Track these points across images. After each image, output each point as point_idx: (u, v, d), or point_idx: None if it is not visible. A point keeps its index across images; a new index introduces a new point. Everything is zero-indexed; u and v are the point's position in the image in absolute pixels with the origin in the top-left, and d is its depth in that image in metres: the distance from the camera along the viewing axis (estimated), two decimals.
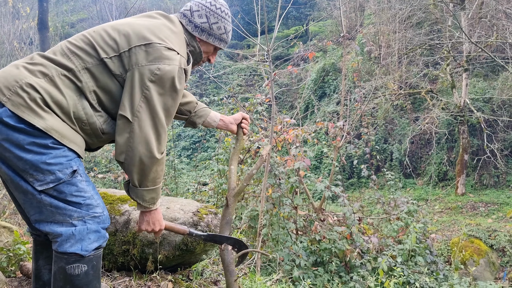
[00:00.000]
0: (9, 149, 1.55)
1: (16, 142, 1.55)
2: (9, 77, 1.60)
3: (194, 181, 10.65)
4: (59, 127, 1.62)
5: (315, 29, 22.25)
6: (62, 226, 1.62)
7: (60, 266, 1.62)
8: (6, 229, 3.31)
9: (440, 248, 10.01)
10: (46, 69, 1.65)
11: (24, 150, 1.55)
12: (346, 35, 8.39)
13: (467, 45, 12.86)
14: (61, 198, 1.61)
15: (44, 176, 1.58)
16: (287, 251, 5.68)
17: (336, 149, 8.00)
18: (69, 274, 1.62)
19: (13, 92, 1.56)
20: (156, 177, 1.73)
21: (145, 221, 1.83)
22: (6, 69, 1.66)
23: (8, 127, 1.55)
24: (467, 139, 13.38)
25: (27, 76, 1.60)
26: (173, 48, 1.74)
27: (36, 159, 1.56)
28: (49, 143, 1.59)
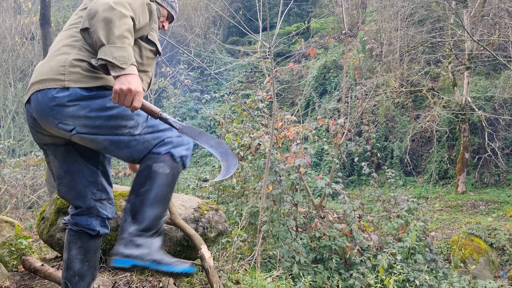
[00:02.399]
0: (98, 116, 1.72)
1: (99, 107, 1.73)
2: (55, 65, 1.76)
3: (195, 177, 10.66)
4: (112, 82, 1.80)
5: (317, 26, 22.21)
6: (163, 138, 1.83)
7: (147, 164, 1.79)
8: (8, 224, 3.33)
9: (440, 246, 10.03)
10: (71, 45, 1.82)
11: (108, 109, 1.74)
12: (347, 32, 8.38)
13: (469, 43, 12.83)
14: (155, 130, 1.81)
15: (135, 120, 1.78)
16: (287, 247, 5.70)
17: (336, 146, 8.00)
18: (153, 171, 1.76)
19: (67, 72, 1.73)
20: (122, 35, 1.64)
21: (119, 81, 1.64)
22: (42, 64, 1.83)
23: (87, 99, 1.72)
24: (468, 137, 13.38)
25: (67, 56, 1.77)
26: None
27: (120, 110, 1.75)
28: None
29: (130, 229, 1.72)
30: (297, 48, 9.19)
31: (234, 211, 6.59)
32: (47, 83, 1.73)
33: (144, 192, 1.75)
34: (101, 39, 1.61)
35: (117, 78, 1.65)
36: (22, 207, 8.59)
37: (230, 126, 7.67)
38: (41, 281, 2.67)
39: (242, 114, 7.92)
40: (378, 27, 15.65)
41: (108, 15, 1.61)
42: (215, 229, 2.74)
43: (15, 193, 8.43)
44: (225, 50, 21.47)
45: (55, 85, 1.71)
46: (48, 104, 1.71)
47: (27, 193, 8.73)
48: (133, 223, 1.72)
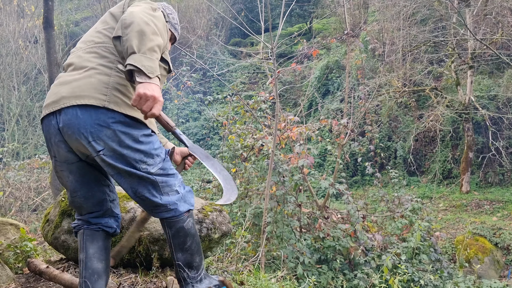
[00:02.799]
0: (128, 146, 1.84)
1: (133, 138, 1.86)
2: (96, 83, 1.83)
3: (198, 178, 10.67)
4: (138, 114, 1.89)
5: (319, 27, 22.20)
6: (170, 195, 1.97)
7: (179, 227, 1.99)
8: (13, 226, 3.34)
9: (444, 246, 9.99)
10: (108, 66, 1.90)
11: (140, 143, 1.88)
12: (350, 32, 8.38)
13: (472, 42, 12.79)
14: (165, 173, 1.96)
15: (154, 160, 1.92)
16: (291, 248, 5.70)
17: (340, 146, 8.00)
18: (187, 229, 2.00)
19: (110, 94, 1.82)
20: (153, 48, 1.73)
21: (143, 86, 1.69)
22: (77, 78, 1.86)
23: (128, 126, 1.85)
24: (471, 136, 13.33)
25: (109, 78, 1.86)
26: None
27: (148, 147, 1.90)
28: (150, 132, 1.95)
29: (192, 274, 2.04)
30: (299, 49, 9.17)
31: (237, 212, 6.59)
32: (87, 99, 1.79)
33: (189, 247, 2.02)
34: (133, 47, 1.68)
35: (141, 84, 1.69)
36: (26, 209, 8.62)
37: (233, 127, 7.68)
38: (46, 283, 2.68)
39: (245, 115, 7.93)
40: (380, 27, 15.63)
41: (143, 28, 1.72)
42: (219, 230, 2.74)
43: (20, 196, 8.46)
44: (227, 52, 21.49)
45: (96, 103, 1.78)
46: (90, 121, 1.79)
47: (31, 195, 8.76)
48: (191, 271, 2.04)
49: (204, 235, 2.65)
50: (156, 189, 1.94)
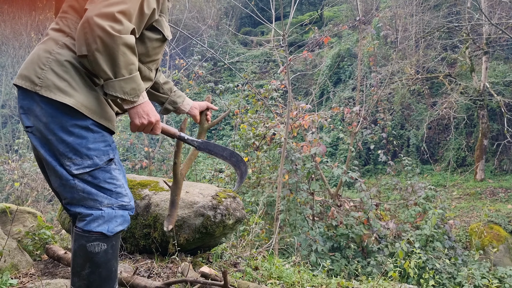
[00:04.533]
0: (54, 132, 1.59)
1: (61, 123, 1.59)
2: (36, 59, 1.63)
3: (211, 168, 10.72)
4: (88, 100, 1.64)
5: (330, 14, 21.96)
6: (92, 209, 1.65)
7: (80, 244, 1.65)
8: (30, 215, 3.40)
9: (458, 234, 9.92)
10: (57, 39, 1.66)
11: (67, 132, 1.59)
12: (361, 19, 8.27)
13: (487, 27, 12.54)
14: (94, 183, 1.65)
15: (82, 160, 1.62)
16: (304, 236, 5.71)
17: (352, 134, 7.95)
18: (89, 252, 1.65)
19: (43, 78, 1.59)
20: (128, 62, 1.56)
21: (136, 115, 1.65)
22: (32, 52, 1.69)
23: (55, 108, 1.58)
24: (486, 123, 13.14)
25: (50, 52, 1.62)
26: None
27: (78, 142, 1.60)
28: (89, 125, 1.63)
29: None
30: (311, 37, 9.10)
31: (250, 202, 6.62)
32: (23, 81, 1.63)
33: (87, 275, 1.67)
34: (107, 73, 1.55)
35: (131, 110, 1.64)
36: (42, 200, 8.76)
37: (244, 116, 7.68)
38: (65, 268, 2.73)
39: (257, 104, 7.92)
40: (393, 13, 15.39)
41: (108, 45, 1.50)
42: (233, 216, 2.75)
43: (36, 187, 8.60)
44: (237, 41, 21.40)
45: (27, 87, 1.61)
46: (23, 95, 1.65)
47: (46, 186, 8.89)
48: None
49: (219, 221, 2.67)
50: (73, 197, 1.64)
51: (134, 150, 12.82)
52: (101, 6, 1.50)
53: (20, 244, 3.03)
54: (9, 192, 8.98)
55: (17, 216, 3.22)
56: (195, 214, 2.66)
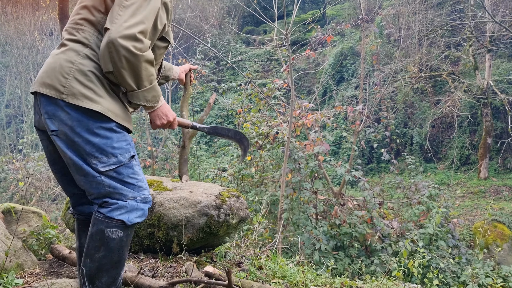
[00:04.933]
0: (80, 134, 1.73)
1: (87, 126, 1.73)
2: (58, 68, 1.75)
3: (214, 167, 10.74)
4: (112, 106, 1.79)
5: (333, 13, 21.92)
6: (116, 200, 1.81)
7: (99, 228, 1.78)
8: (35, 214, 3.42)
9: (462, 233, 9.90)
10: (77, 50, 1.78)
11: (93, 134, 1.74)
12: (364, 17, 8.26)
13: (490, 25, 12.49)
14: (119, 179, 1.80)
15: (108, 158, 1.77)
16: (308, 235, 5.72)
17: (355, 133, 7.94)
18: (107, 236, 1.78)
19: (68, 87, 1.72)
20: (149, 74, 1.76)
21: (157, 117, 1.90)
22: (51, 61, 1.80)
23: (81, 112, 1.73)
24: (490, 122, 13.10)
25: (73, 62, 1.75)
26: None
27: (103, 142, 1.76)
28: (113, 126, 1.78)
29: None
30: (313, 36, 9.09)
31: (254, 201, 6.62)
32: (47, 89, 1.75)
33: (99, 258, 1.79)
34: (132, 86, 1.75)
35: (152, 114, 1.88)
36: (46, 199, 8.80)
37: (247, 115, 7.68)
38: (69, 268, 2.75)
39: (260, 103, 7.92)
40: (396, 11, 15.35)
41: (132, 63, 1.68)
42: (237, 215, 2.76)
43: (40, 186, 8.64)
44: (240, 40, 21.39)
45: (52, 95, 1.73)
46: (47, 101, 1.76)
47: (51, 185, 8.93)
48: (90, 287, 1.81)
49: (222, 221, 2.67)
50: (99, 192, 1.79)
51: (138, 149, 12.85)
52: (123, 29, 1.66)
53: (25, 243, 3.05)
54: (13, 192, 9.03)
55: (22, 215, 3.24)
56: (198, 213, 2.67)
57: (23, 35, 18.40)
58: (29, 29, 18.39)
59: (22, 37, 18.37)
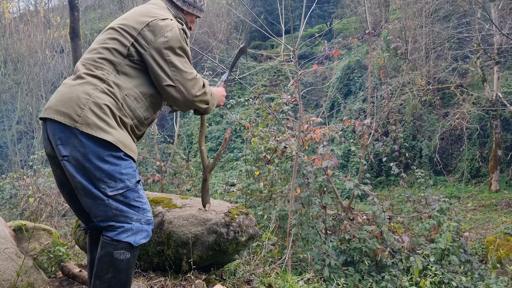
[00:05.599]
0: (91, 160, 1.85)
1: (97, 154, 1.86)
2: (75, 99, 1.89)
3: (222, 181, 10.74)
4: (122, 137, 1.95)
5: (339, 27, 22.05)
6: (123, 223, 1.93)
7: (108, 251, 1.89)
8: (45, 232, 3.44)
9: (474, 247, 9.75)
10: (95, 84, 1.94)
11: (103, 161, 1.87)
12: (371, 31, 8.29)
13: (498, 37, 12.47)
14: (125, 202, 1.93)
15: (116, 183, 1.90)
16: (317, 250, 5.67)
17: (364, 147, 7.91)
18: (115, 258, 1.89)
19: (83, 116, 1.86)
20: (211, 94, 2.27)
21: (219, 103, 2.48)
22: (66, 91, 1.94)
23: (93, 141, 1.86)
24: (500, 134, 12.98)
25: (89, 94, 1.91)
26: (165, 18, 2.10)
27: (112, 169, 1.89)
28: (122, 155, 1.93)
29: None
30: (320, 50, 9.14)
31: (263, 215, 6.60)
32: (62, 117, 1.87)
33: (109, 279, 1.91)
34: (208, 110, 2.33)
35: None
36: (56, 215, 8.84)
37: (255, 130, 7.70)
38: (79, 286, 2.76)
39: (267, 117, 7.94)
40: (402, 24, 15.39)
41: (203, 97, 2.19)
42: (246, 233, 2.76)
43: (50, 202, 8.69)
44: (248, 55, 21.54)
45: (67, 123, 1.86)
46: (60, 128, 1.88)
47: (60, 201, 8.98)
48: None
49: (232, 238, 2.67)
50: (106, 215, 1.91)
51: (146, 164, 12.90)
52: (195, 92, 2.13)
53: (36, 261, 3.07)
54: (24, 208, 9.08)
55: (32, 233, 3.26)
56: (208, 231, 2.67)
57: (34, 53, 18.71)
58: (41, 47, 18.70)
59: (34, 54, 18.68)
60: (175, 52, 2.06)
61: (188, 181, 11.74)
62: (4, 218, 8.55)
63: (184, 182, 11.71)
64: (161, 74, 2.03)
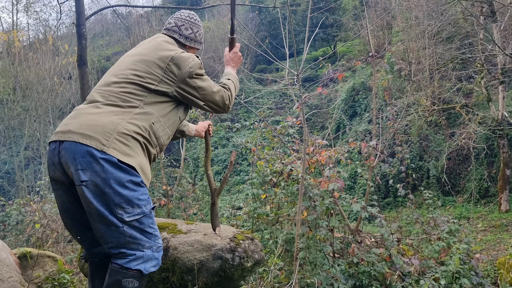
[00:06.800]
0: (111, 186, 1.87)
1: (119, 180, 1.89)
2: (102, 126, 1.95)
3: (228, 205, 10.70)
4: (143, 164, 2.02)
5: (343, 50, 22.29)
6: (134, 251, 1.93)
7: (116, 279, 1.88)
8: (50, 259, 3.43)
9: (486, 269, 9.56)
10: (121, 114, 2.01)
11: (124, 187, 1.90)
12: (374, 54, 8.37)
13: (501, 57, 12.53)
14: (140, 228, 1.95)
15: (134, 209, 1.93)
16: (325, 274, 5.59)
17: (370, 168, 7.88)
18: (123, 287, 1.88)
19: (111, 140, 1.92)
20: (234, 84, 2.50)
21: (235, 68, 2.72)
22: (90, 117, 1.98)
23: (115, 167, 1.89)
24: (507, 153, 12.89)
25: (116, 123, 1.97)
26: (183, 51, 2.28)
27: (131, 194, 1.92)
28: (140, 181, 1.98)
29: None
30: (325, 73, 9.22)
31: (269, 239, 6.54)
32: (89, 140, 1.90)
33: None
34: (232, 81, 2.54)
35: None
36: (62, 241, 8.82)
37: (261, 153, 7.71)
38: None
39: (273, 140, 7.96)
40: (405, 46, 15.54)
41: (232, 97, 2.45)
42: (252, 258, 2.73)
43: (56, 228, 8.68)
44: (253, 79, 21.78)
45: (95, 146, 1.89)
46: (84, 150, 1.89)
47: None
48: None
49: (237, 264, 2.65)
50: (118, 241, 1.91)
51: (153, 188, 12.91)
52: (225, 101, 2.38)
53: None
54: (30, 234, 9.08)
55: (37, 260, 3.25)
56: (213, 257, 2.65)
57: (43, 80, 19.05)
58: (49, 74, 19.05)
59: (42, 81, 19.01)
60: (200, 78, 2.25)
61: (194, 205, 11.72)
62: (10, 244, 8.55)
63: (190, 206, 11.69)
64: (194, 99, 2.25)
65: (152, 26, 20.33)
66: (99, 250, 2.12)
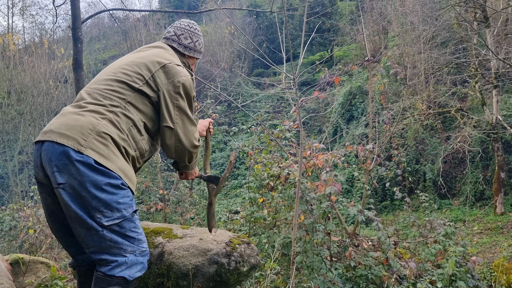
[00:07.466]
0: (88, 189, 1.80)
1: (95, 182, 1.82)
2: (80, 125, 1.89)
3: (226, 209, 10.66)
4: (123, 166, 1.94)
5: (340, 54, 22.36)
6: (116, 256, 1.86)
7: (101, 287, 1.83)
8: (43, 265, 3.40)
9: (482, 271, 9.57)
10: (102, 113, 1.95)
11: (101, 190, 1.83)
12: (370, 58, 8.39)
13: (494, 62, 12.61)
14: (121, 233, 1.88)
15: (113, 213, 1.86)
16: (322, 278, 5.57)
17: (367, 172, 7.88)
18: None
19: (90, 140, 1.85)
20: (197, 156, 2.31)
21: (190, 175, 2.47)
22: (71, 117, 1.93)
23: (91, 169, 1.82)
24: (502, 156, 12.94)
25: (96, 123, 1.90)
26: (179, 64, 2.21)
27: (109, 198, 1.85)
28: (120, 184, 1.90)
29: None
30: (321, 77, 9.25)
31: (266, 243, 6.52)
32: (66, 140, 1.84)
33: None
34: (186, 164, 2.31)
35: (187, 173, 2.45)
36: (56, 247, 8.75)
37: (258, 156, 7.70)
38: None
39: (270, 144, 7.95)
40: (401, 51, 15.62)
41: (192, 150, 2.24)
42: (248, 263, 2.71)
43: (50, 233, 8.61)
44: (250, 83, 21.80)
45: (72, 146, 1.82)
46: (59, 151, 1.83)
47: None
48: None
49: (233, 269, 2.63)
50: (100, 246, 1.85)
51: (149, 193, 12.86)
52: (192, 140, 2.20)
53: None
54: (23, 240, 9.00)
55: (30, 266, 3.22)
56: (209, 262, 2.63)
57: (38, 83, 18.97)
58: (44, 78, 18.99)
59: (38, 85, 18.94)
60: (184, 98, 2.15)
61: (191, 210, 11.68)
62: (3, 250, 8.48)
63: (187, 211, 11.64)
64: (166, 114, 2.10)
65: (149, 30, 20.33)
66: (84, 257, 2.07)
